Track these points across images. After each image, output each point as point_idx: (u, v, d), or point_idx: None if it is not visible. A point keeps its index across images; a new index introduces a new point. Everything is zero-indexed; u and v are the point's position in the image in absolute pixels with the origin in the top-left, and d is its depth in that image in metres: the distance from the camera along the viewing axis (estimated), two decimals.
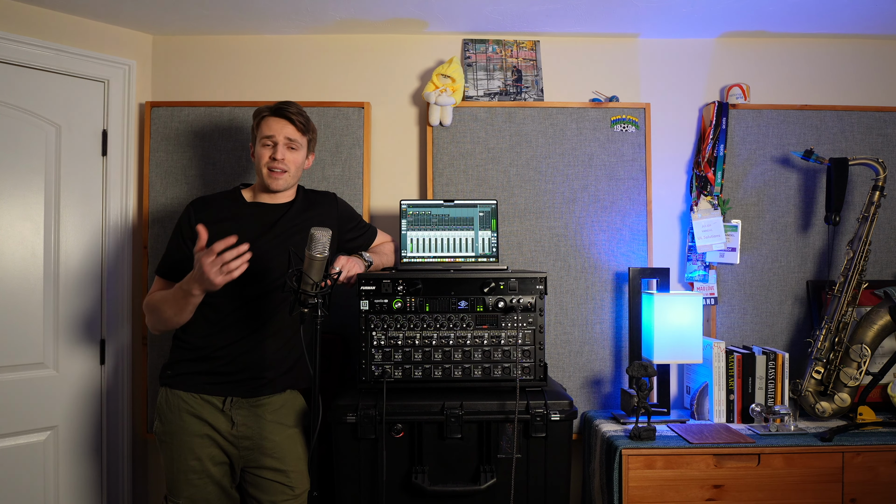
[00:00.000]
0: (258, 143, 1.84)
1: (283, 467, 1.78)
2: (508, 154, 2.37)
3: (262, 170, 1.82)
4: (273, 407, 1.80)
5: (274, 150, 1.81)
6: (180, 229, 1.82)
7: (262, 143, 1.82)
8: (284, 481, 1.78)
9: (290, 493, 1.78)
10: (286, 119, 1.82)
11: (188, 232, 1.78)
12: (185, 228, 1.80)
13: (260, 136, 1.83)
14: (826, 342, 2.18)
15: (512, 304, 1.82)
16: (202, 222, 1.73)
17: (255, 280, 1.75)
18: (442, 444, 1.77)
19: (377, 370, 1.82)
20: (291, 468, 1.79)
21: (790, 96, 2.49)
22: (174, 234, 1.84)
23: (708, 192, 2.36)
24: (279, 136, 1.81)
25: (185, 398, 1.75)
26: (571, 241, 2.36)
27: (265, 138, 1.82)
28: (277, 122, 1.82)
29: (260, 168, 1.83)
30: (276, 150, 1.81)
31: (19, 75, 2.12)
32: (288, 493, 1.78)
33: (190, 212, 1.82)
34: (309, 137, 1.89)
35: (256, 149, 1.85)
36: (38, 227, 2.15)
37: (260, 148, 1.83)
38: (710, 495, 1.90)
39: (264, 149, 1.82)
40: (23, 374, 2.11)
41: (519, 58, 2.45)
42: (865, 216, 2.19)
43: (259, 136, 1.83)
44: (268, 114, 1.84)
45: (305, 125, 1.86)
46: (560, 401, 1.78)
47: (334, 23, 2.37)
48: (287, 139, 1.82)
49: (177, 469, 1.74)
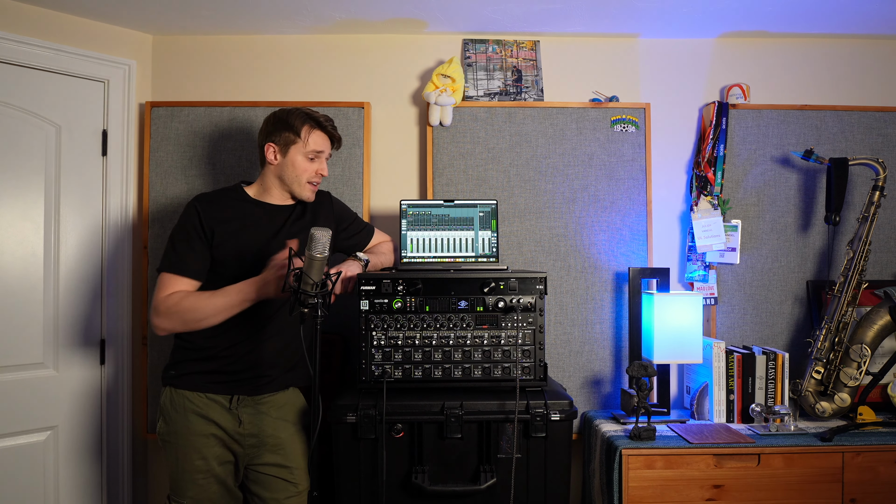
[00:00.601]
0: (299, 153, 1.82)
1: (287, 463, 1.79)
2: (508, 154, 2.37)
3: (301, 181, 1.83)
4: (277, 404, 1.81)
5: (321, 166, 1.86)
6: (192, 227, 1.76)
7: (306, 156, 1.82)
8: (288, 477, 1.79)
9: (294, 490, 1.79)
10: (331, 138, 1.89)
11: (201, 231, 1.74)
12: (197, 226, 1.75)
13: (307, 149, 1.82)
14: (826, 342, 2.18)
15: (512, 304, 1.82)
16: (212, 221, 1.75)
17: None
18: (442, 444, 1.77)
19: (377, 370, 1.82)
20: (295, 465, 1.80)
21: (790, 96, 2.49)
22: (183, 232, 1.76)
23: (708, 192, 2.36)
24: (326, 153, 1.87)
25: (190, 398, 1.74)
26: (571, 241, 2.36)
27: (313, 152, 1.83)
28: (324, 139, 1.86)
29: (300, 179, 1.83)
30: (323, 167, 1.86)
31: (19, 75, 2.12)
32: (291, 489, 1.79)
33: (198, 209, 1.77)
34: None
35: (296, 159, 1.82)
36: (38, 227, 2.15)
37: (303, 160, 1.82)
38: (710, 495, 1.90)
39: (309, 163, 1.83)
40: (23, 374, 2.11)
41: (519, 58, 2.45)
42: (865, 216, 2.19)
43: (303, 148, 1.82)
44: (318, 128, 1.85)
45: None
46: (560, 401, 1.78)
47: (334, 23, 2.37)
48: (329, 155, 1.90)
49: (182, 469, 1.74)
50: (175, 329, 1.72)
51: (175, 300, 1.69)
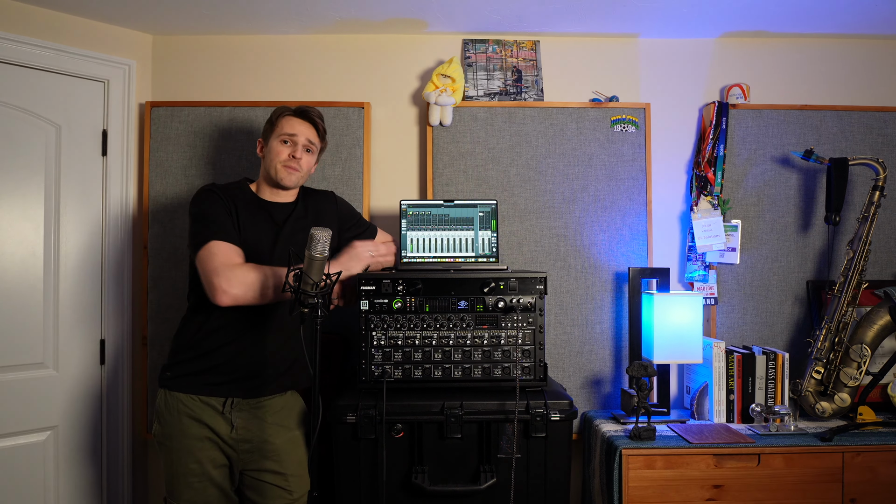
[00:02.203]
0: (275, 139, 1.83)
1: (282, 470, 1.77)
2: (508, 154, 2.36)
3: (276, 165, 1.82)
4: (274, 409, 1.79)
5: (294, 148, 1.82)
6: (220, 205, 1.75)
7: (280, 140, 1.82)
8: (283, 484, 1.77)
9: (288, 498, 1.77)
10: (310, 122, 1.86)
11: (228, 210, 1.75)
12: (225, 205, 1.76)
13: (279, 133, 1.82)
14: (826, 342, 2.18)
15: (512, 304, 1.82)
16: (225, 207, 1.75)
17: None
18: (442, 444, 1.77)
19: (377, 370, 1.82)
20: (290, 472, 1.78)
21: (790, 96, 2.49)
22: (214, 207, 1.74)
23: (708, 192, 2.36)
24: (301, 137, 1.83)
25: (184, 401, 1.73)
26: (571, 241, 2.36)
27: (286, 135, 1.82)
28: (301, 124, 1.84)
29: (274, 163, 1.82)
30: (295, 149, 1.82)
31: (19, 75, 2.12)
32: (286, 497, 1.77)
33: (217, 193, 1.77)
34: (323, 144, 1.93)
35: (272, 144, 1.83)
36: (38, 226, 2.15)
37: (277, 144, 1.82)
38: (710, 495, 1.90)
39: (283, 146, 1.82)
40: (23, 374, 2.11)
41: (519, 58, 2.45)
42: (865, 216, 2.19)
43: (277, 133, 1.83)
44: (290, 114, 1.85)
45: (325, 131, 1.91)
46: (560, 401, 1.78)
47: (334, 23, 2.37)
48: (308, 141, 1.85)
49: (176, 472, 1.73)
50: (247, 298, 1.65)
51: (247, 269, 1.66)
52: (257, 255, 1.75)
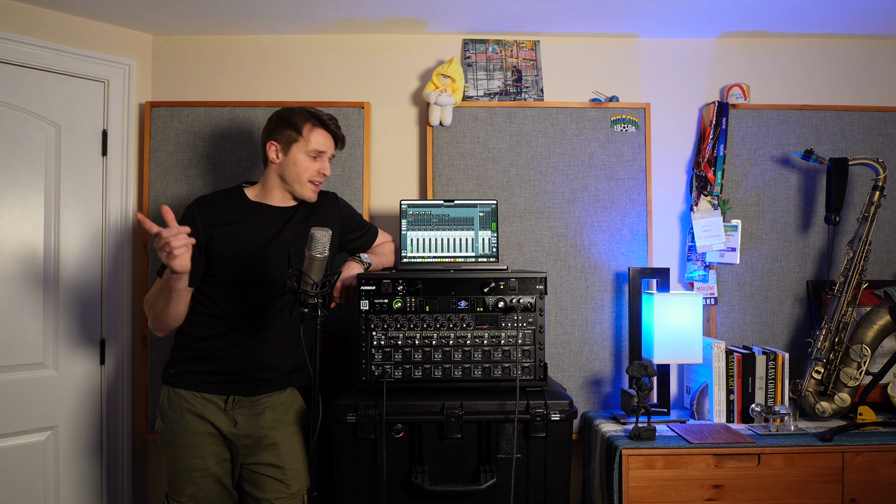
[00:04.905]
0: (301, 152, 1.80)
1: (280, 464, 1.78)
2: (508, 154, 2.37)
3: (302, 180, 1.81)
4: (273, 405, 1.81)
5: (323, 165, 1.83)
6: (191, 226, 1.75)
7: (309, 154, 1.81)
8: (281, 478, 1.78)
9: (286, 492, 1.79)
10: (335, 138, 1.87)
11: (196, 236, 1.73)
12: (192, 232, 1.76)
13: (309, 148, 1.80)
14: (826, 342, 2.18)
15: (512, 304, 1.82)
16: (209, 226, 1.74)
17: (260, 285, 1.76)
18: (442, 444, 1.77)
19: (377, 370, 1.82)
20: (289, 466, 1.79)
21: (790, 96, 2.49)
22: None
23: (708, 192, 2.36)
24: (329, 152, 1.85)
25: (186, 397, 1.75)
26: (571, 241, 2.36)
27: (316, 151, 1.81)
28: (326, 138, 1.84)
29: (301, 178, 1.81)
30: (325, 166, 1.84)
31: (19, 75, 2.12)
32: (283, 490, 1.78)
33: (194, 212, 1.78)
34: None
35: (298, 157, 1.80)
36: (38, 227, 2.15)
37: (305, 158, 1.80)
38: (710, 495, 1.90)
39: (312, 161, 1.81)
40: (23, 374, 2.11)
41: (519, 58, 2.45)
42: (865, 216, 2.19)
43: (306, 146, 1.80)
44: (318, 125, 1.82)
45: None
46: (560, 401, 1.78)
47: (334, 23, 2.37)
48: (332, 156, 1.88)
49: (179, 467, 1.74)
50: (155, 325, 1.76)
51: (146, 297, 1.78)
52: (254, 261, 1.76)
